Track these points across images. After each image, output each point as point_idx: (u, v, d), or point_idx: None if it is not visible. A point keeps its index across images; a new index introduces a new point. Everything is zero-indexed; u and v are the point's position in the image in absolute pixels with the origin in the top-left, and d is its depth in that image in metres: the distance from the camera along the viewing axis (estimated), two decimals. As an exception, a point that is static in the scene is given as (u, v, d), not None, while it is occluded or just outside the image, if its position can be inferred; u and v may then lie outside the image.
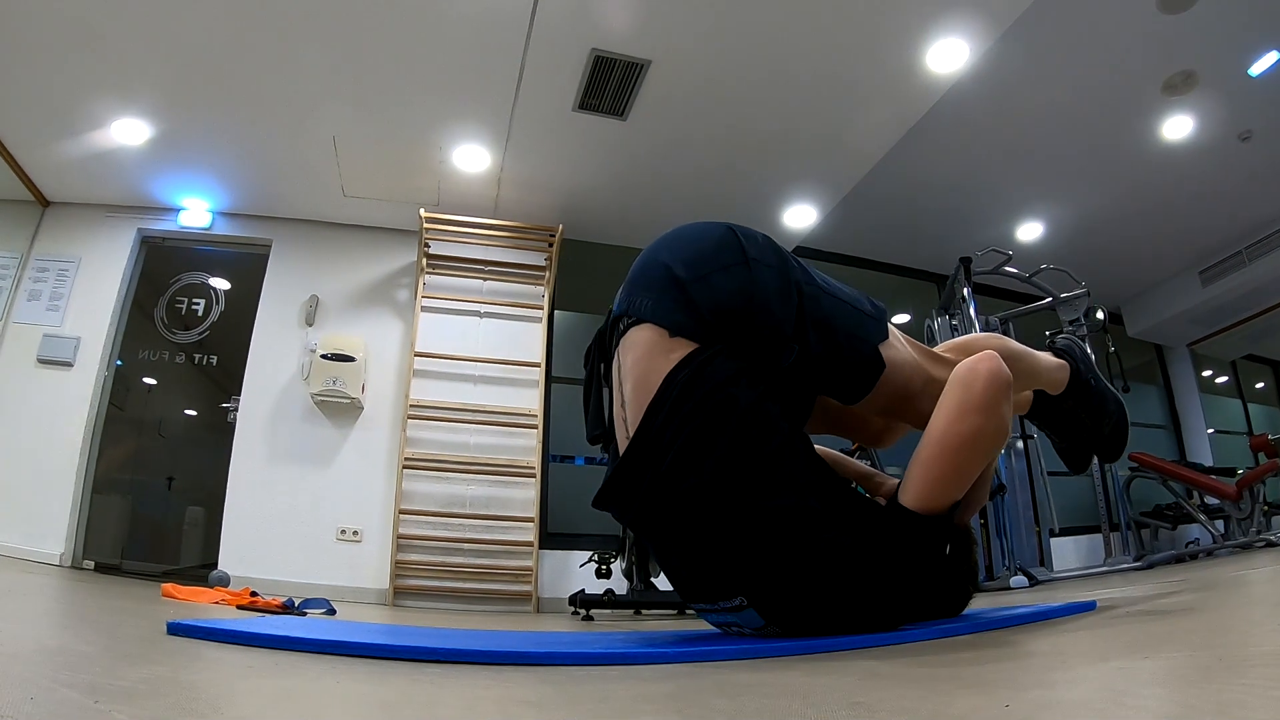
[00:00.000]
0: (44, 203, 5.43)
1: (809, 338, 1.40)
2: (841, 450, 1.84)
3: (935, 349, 1.62)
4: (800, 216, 5.90)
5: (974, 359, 1.38)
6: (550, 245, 5.75)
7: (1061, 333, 1.87)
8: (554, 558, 5.25)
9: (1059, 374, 1.77)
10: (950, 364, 1.47)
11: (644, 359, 1.38)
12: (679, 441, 1.32)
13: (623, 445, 1.42)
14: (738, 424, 1.31)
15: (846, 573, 1.32)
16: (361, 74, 4.37)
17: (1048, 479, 5.53)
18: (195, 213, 5.65)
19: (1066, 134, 5.28)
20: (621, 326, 1.45)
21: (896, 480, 1.47)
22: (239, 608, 3.07)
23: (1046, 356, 1.79)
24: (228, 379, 5.69)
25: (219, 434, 5.45)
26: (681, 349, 1.35)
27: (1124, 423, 1.84)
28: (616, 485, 1.42)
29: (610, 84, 4.45)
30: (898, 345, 1.50)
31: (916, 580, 1.37)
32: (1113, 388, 1.86)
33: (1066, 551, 6.34)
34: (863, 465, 1.82)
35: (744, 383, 1.34)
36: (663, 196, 5.65)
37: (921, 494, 1.34)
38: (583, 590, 4.32)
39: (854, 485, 1.69)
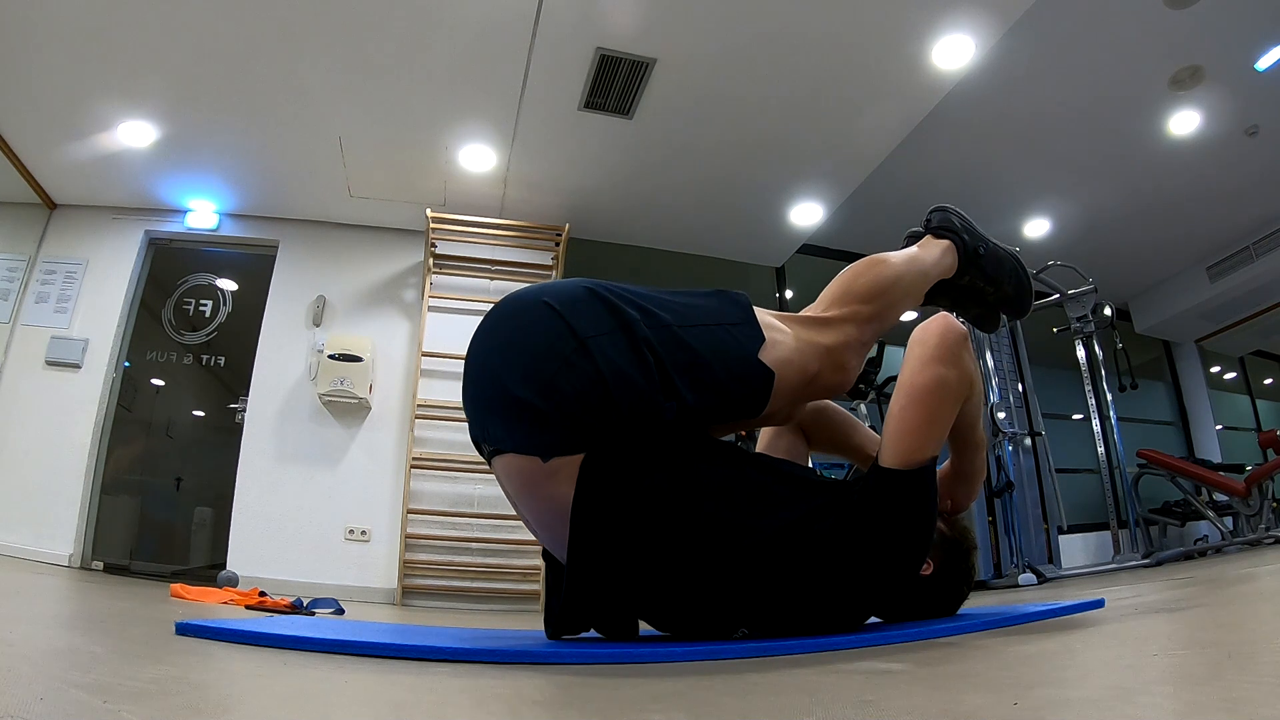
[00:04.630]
0: (51, 205, 5.44)
1: (679, 389, 1.28)
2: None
3: (816, 306, 1.52)
4: (807, 214, 5.89)
5: (926, 321, 1.41)
6: (557, 245, 5.75)
7: (933, 210, 1.77)
8: (561, 557, 5.24)
9: (947, 259, 1.68)
10: (838, 320, 1.46)
11: (527, 490, 1.29)
12: (627, 555, 1.26)
13: (551, 548, 1.37)
14: (670, 505, 1.25)
15: (843, 562, 1.31)
16: (367, 74, 4.37)
17: (1056, 476, 5.52)
18: (202, 214, 5.66)
19: (1073, 130, 5.27)
20: (485, 451, 1.34)
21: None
22: (248, 608, 3.08)
23: (929, 250, 1.67)
24: (235, 380, 5.71)
25: (227, 434, 5.46)
26: (566, 467, 1.24)
27: (1025, 277, 1.78)
28: (572, 616, 1.34)
29: (616, 83, 4.45)
30: (778, 338, 1.41)
31: (913, 541, 1.36)
32: (1004, 245, 1.77)
33: (1075, 549, 6.33)
34: (870, 433, 1.79)
35: (651, 462, 1.26)
36: (669, 195, 5.65)
37: (899, 447, 1.33)
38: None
39: (817, 470, 1.67)
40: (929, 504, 1.36)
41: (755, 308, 1.44)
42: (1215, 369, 8.77)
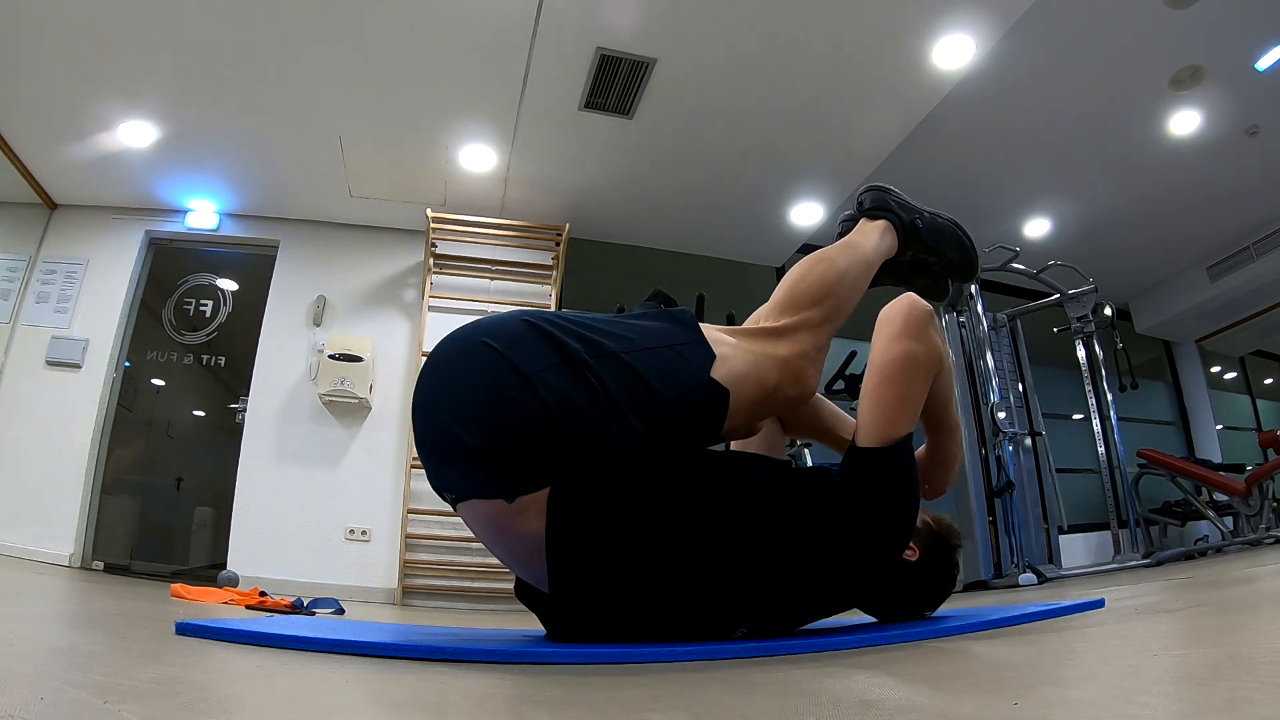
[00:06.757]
0: (51, 205, 5.44)
1: (628, 418, 1.24)
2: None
3: (766, 315, 1.48)
4: (807, 214, 5.89)
5: (891, 302, 1.43)
6: (557, 244, 5.74)
7: (864, 190, 1.73)
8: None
9: (887, 239, 1.63)
10: (789, 329, 1.43)
11: (498, 531, 1.27)
12: (610, 579, 1.25)
13: (532, 581, 1.35)
14: (645, 525, 1.24)
15: (832, 548, 1.31)
16: (367, 74, 4.37)
17: (1056, 476, 5.52)
18: (202, 214, 5.66)
19: (1073, 129, 5.26)
20: (448, 498, 1.31)
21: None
22: (248, 608, 3.08)
23: (867, 236, 1.62)
24: (236, 380, 5.71)
25: (227, 434, 5.47)
26: (534, 504, 1.21)
27: (967, 240, 1.74)
28: (564, 622, 1.33)
29: (616, 83, 4.45)
30: (728, 353, 1.37)
31: (896, 518, 1.37)
32: (942, 212, 1.72)
33: (1075, 549, 6.32)
34: (844, 416, 1.78)
35: (618, 485, 1.24)
36: (669, 194, 5.65)
37: (874, 425, 1.35)
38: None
39: (793, 463, 1.66)
40: (909, 479, 1.37)
41: (702, 324, 1.41)
42: (1215, 369, 8.77)
